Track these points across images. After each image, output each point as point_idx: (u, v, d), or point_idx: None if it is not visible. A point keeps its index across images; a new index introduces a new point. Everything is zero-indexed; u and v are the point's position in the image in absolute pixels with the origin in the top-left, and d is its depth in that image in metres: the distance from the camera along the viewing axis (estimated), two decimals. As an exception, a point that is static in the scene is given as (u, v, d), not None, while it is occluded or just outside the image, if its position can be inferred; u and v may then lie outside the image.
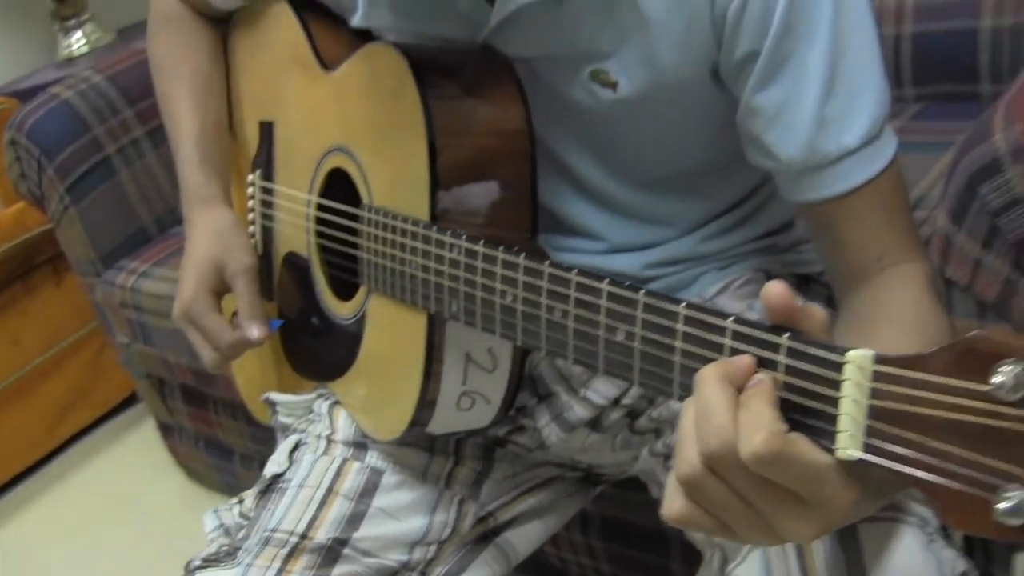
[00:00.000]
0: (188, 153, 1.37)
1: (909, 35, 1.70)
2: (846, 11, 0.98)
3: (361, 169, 1.17)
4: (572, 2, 1.05)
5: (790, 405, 0.69)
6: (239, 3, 1.41)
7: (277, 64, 1.36)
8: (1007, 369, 0.57)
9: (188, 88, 1.41)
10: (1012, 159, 0.84)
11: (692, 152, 1.16)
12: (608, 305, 0.84)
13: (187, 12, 1.46)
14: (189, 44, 1.45)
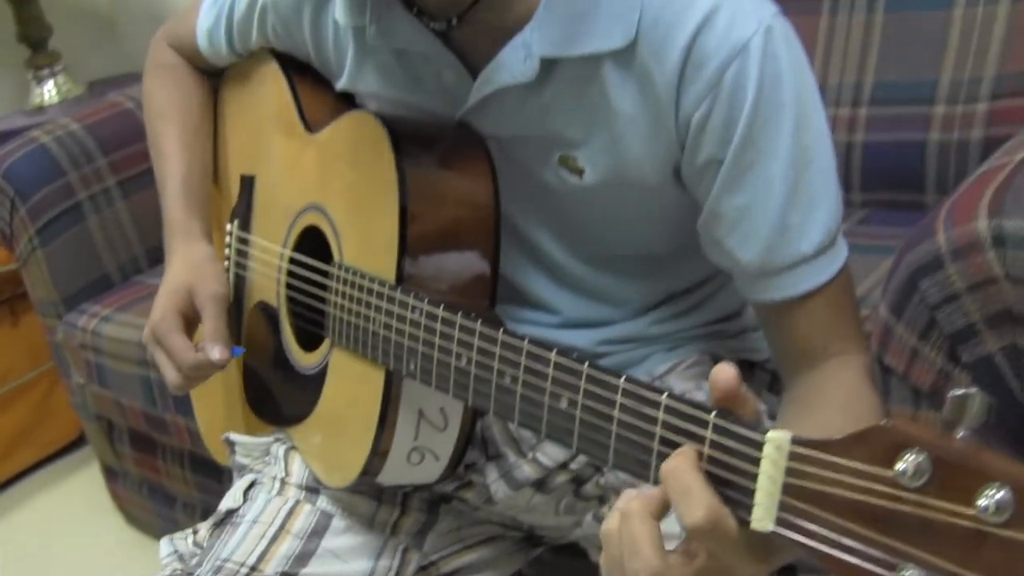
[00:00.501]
0: (174, 190, 1.43)
1: (860, 143, 1.77)
2: (807, 127, 1.05)
3: (335, 228, 1.22)
4: (548, 90, 1.10)
5: (713, 477, 0.75)
6: (232, 59, 1.47)
7: (263, 121, 1.41)
8: (909, 458, 0.63)
9: (178, 132, 1.48)
10: (952, 257, 0.90)
11: (649, 240, 1.22)
12: (555, 374, 0.90)
13: (183, 63, 1.53)
14: (182, 92, 1.51)
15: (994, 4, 1.63)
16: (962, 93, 1.66)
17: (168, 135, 1.48)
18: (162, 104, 1.51)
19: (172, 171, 1.45)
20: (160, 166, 1.48)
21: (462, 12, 1.11)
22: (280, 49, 1.38)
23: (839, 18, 1.79)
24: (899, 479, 0.63)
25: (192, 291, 1.33)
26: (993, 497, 0.59)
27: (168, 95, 1.52)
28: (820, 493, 0.68)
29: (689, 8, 1.03)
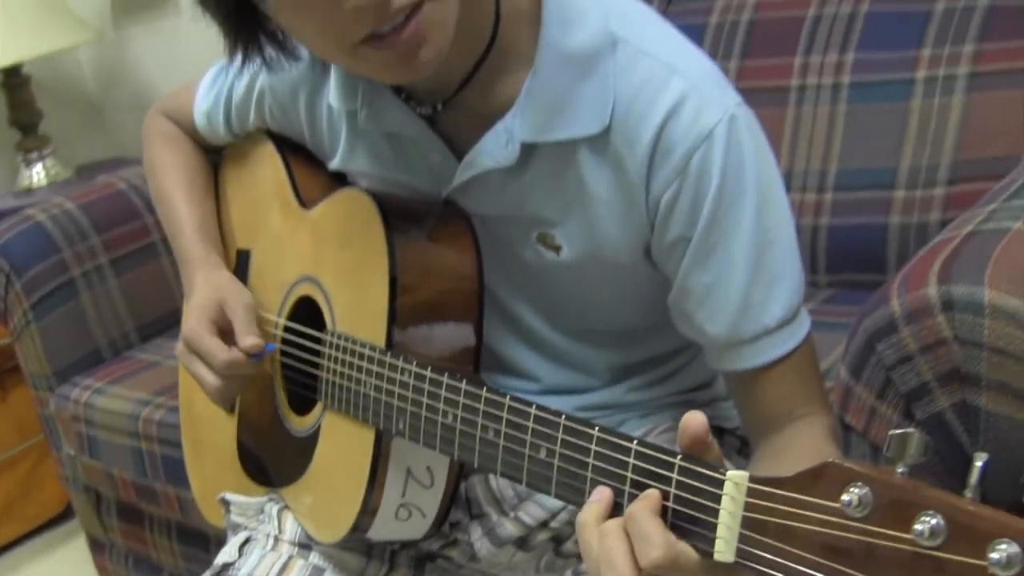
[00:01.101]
0: (191, 233, 1.48)
1: (826, 227, 1.84)
2: (768, 209, 1.12)
3: (327, 298, 1.28)
4: (528, 173, 1.18)
5: (678, 514, 0.84)
6: (229, 140, 1.53)
7: (259, 199, 1.48)
8: (854, 491, 0.71)
9: (185, 188, 1.53)
10: (905, 321, 0.97)
11: (623, 314, 1.29)
12: (534, 426, 0.98)
13: (183, 134, 1.58)
14: (184, 154, 1.57)
15: (949, 95, 1.72)
16: (920, 179, 1.74)
17: (176, 192, 1.53)
18: (167, 165, 1.56)
19: (185, 218, 1.50)
20: (171, 217, 1.52)
21: (447, 98, 1.18)
22: (276, 130, 1.44)
23: (805, 108, 1.87)
24: (845, 510, 0.71)
25: (222, 303, 1.36)
26: (928, 523, 0.67)
27: (169, 157, 1.57)
28: (776, 525, 0.76)
29: (658, 98, 1.11)
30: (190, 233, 1.48)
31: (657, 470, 0.87)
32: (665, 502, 0.86)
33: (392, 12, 1.00)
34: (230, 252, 1.53)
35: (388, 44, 1.03)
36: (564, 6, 1.14)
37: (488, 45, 1.15)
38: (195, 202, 1.52)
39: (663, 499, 0.86)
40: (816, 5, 1.91)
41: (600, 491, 0.90)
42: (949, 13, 1.76)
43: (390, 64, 1.06)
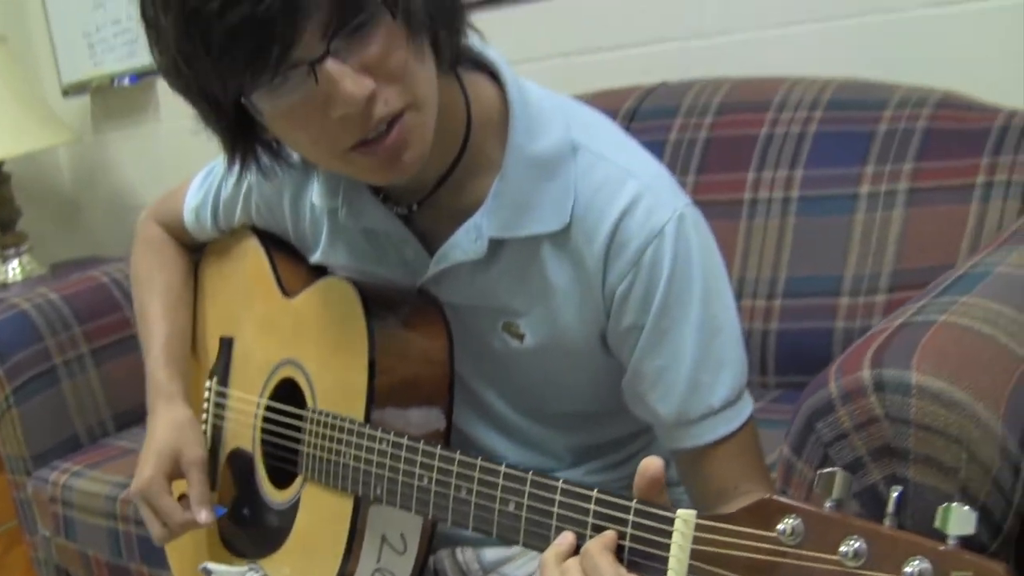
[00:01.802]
0: (157, 355, 1.58)
1: (775, 331, 1.94)
2: (714, 299, 1.24)
3: (309, 379, 1.38)
4: (495, 266, 1.28)
5: (635, 551, 0.96)
6: (214, 235, 1.64)
7: (242, 289, 1.58)
8: (788, 521, 0.83)
9: (162, 301, 1.63)
10: (841, 402, 1.07)
11: (582, 397, 1.38)
12: (504, 483, 1.09)
13: (168, 238, 1.68)
14: (166, 265, 1.67)
15: (890, 209, 1.83)
16: (863, 287, 1.83)
17: (153, 303, 1.64)
18: (149, 275, 1.67)
19: (156, 337, 1.61)
20: (145, 330, 1.64)
21: (422, 199, 1.29)
22: (261, 226, 1.55)
23: (756, 221, 1.98)
24: (780, 538, 0.83)
25: (176, 454, 1.48)
26: (852, 546, 0.80)
27: (154, 267, 1.68)
28: (721, 555, 0.88)
29: (615, 198, 1.22)
30: (157, 354, 1.60)
31: (615, 514, 0.99)
32: (622, 541, 0.97)
33: (375, 122, 1.11)
34: (212, 342, 1.62)
35: (374, 150, 1.13)
36: (530, 116, 1.25)
37: (460, 151, 1.26)
38: (169, 316, 1.63)
39: (620, 539, 0.97)
40: (768, 125, 2.03)
41: (563, 535, 1.01)
42: (891, 134, 1.87)
43: (377, 167, 1.16)
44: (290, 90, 1.09)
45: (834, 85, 2.02)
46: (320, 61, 1.07)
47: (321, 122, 1.11)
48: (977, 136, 1.80)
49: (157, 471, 1.47)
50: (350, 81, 1.07)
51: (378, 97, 1.10)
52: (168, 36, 1.10)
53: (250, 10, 1.03)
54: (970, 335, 1.12)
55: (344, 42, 1.08)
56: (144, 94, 3.64)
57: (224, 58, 1.07)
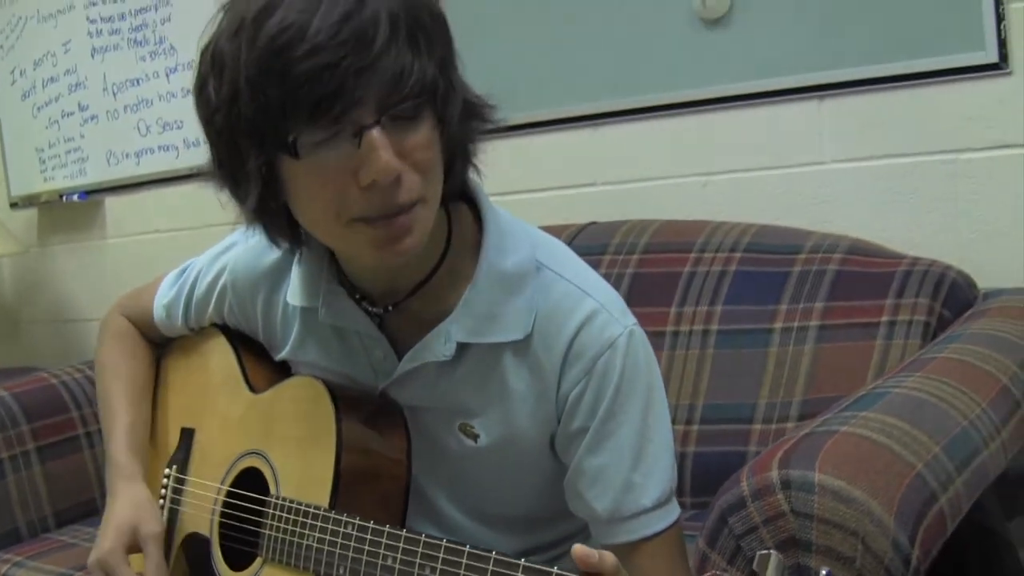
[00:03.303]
0: (119, 438, 1.69)
1: (692, 454, 2.08)
2: (652, 409, 1.38)
3: (273, 468, 1.49)
4: (460, 368, 1.41)
5: None
6: (183, 332, 1.75)
7: (207, 383, 1.69)
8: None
9: (126, 390, 1.75)
10: (752, 498, 1.22)
11: (528, 498, 1.51)
12: (467, 562, 1.20)
13: (135, 332, 1.80)
14: (133, 356, 1.79)
15: (802, 344, 1.99)
16: (775, 414, 1.99)
17: (117, 392, 1.75)
18: (114, 365, 1.78)
19: (119, 422, 1.72)
20: (108, 417, 1.74)
21: (396, 303, 1.43)
22: (231, 324, 1.67)
23: (678, 351, 2.13)
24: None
25: (135, 528, 1.58)
26: None
27: (121, 357, 1.79)
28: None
29: (573, 312, 1.38)
30: (119, 438, 1.70)
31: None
32: None
33: (395, 204, 1.24)
34: (173, 432, 1.73)
35: (380, 225, 1.26)
36: (501, 237, 1.41)
37: (437, 264, 1.41)
38: (132, 405, 1.74)
39: None
40: (691, 263, 2.20)
41: None
42: (804, 275, 2.05)
43: (378, 243, 1.28)
44: (334, 146, 1.22)
45: (753, 230, 2.21)
46: (369, 128, 1.21)
47: (346, 186, 1.24)
48: (882, 280, 1.99)
49: (116, 543, 1.57)
50: (387, 153, 1.21)
51: (404, 181, 1.24)
52: (241, 68, 1.21)
53: (330, 61, 1.16)
54: (867, 443, 1.28)
55: (392, 122, 1.22)
56: (93, 210, 3.77)
57: (294, 96, 1.19)
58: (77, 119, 3.74)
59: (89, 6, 3.63)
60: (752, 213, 2.32)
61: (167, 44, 3.38)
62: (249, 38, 1.20)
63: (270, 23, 1.18)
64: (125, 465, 1.68)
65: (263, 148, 1.25)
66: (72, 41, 3.71)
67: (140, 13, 3.48)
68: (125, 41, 3.55)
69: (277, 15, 1.18)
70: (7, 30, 3.92)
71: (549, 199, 2.63)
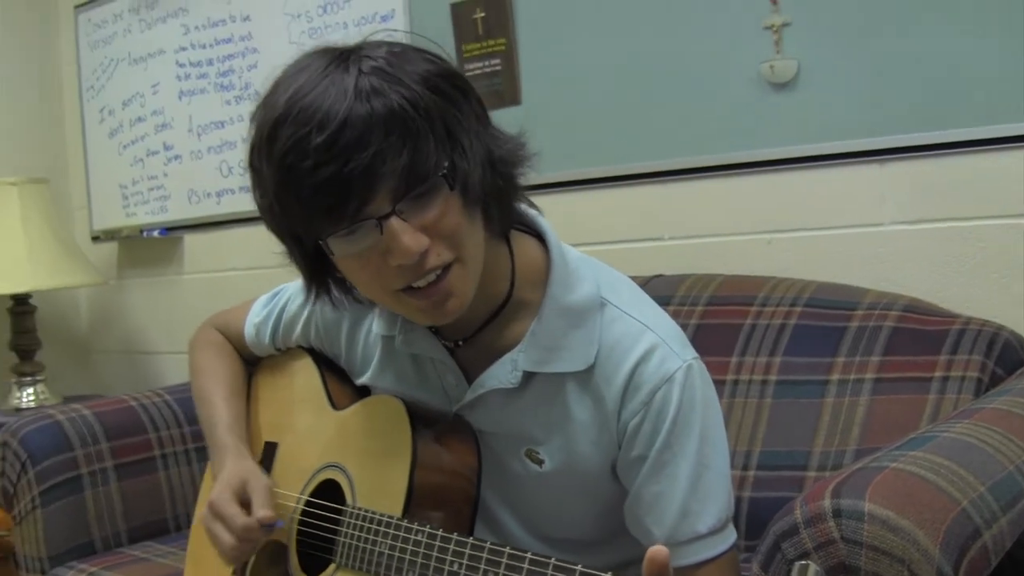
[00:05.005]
0: (224, 427, 1.78)
1: (747, 499, 2.13)
2: (708, 441, 1.45)
3: (350, 480, 1.58)
4: (525, 396, 1.50)
5: None
6: (270, 352, 1.86)
7: (292, 400, 1.79)
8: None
9: (225, 390, 1.84)
10: (805, 525, 1.29)
11: (589, 521, 1.58)
12: (529, 567, 1.27)
13: (228, 344, 1.91)
14: (226, 361, 1.89)
15: (857, 395, 2.05)
16: (830, 462, 2.04)
17: (216, 392, 1.84)
18: (213, 368, 1.88)
19: (221, 414, 1.80)
20: (208, 413, 1.83)
21: (467, 337, 1.53)
22: (316, 347, 1.77)
23: (737, 399, 2.20)
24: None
25: (244, 480, 1.66)
26: None
27: (217, 361, 1.89)
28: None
29: (633, 347, 1.46)
30: (223, 427, 1.79)
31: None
32: None
33: (426, 271, 1.35)
34: (258, 444, 1.83)
35: (422, 295, 1.37)
36: (567, 273, 1.50)
37: (503, 302, 1.50)
38: (231, 403, 1.83)
39: None
40: (753, 316, 2.27)
41: None
42: (861, 330, 2.11)
43: (424, 310, 1.40)
44: (359, 238, 1.33)
45: (813, 286, 2.28)
46: (387, 218, 1.31)
47: (381, 266, 1.35)
48: (937, 337, 2.05)
49: (226, 489, 1.64)
50: (409, 237, 1.32)
51: (431, 251, 1.34)
52: (268, 183, 1.36)
53: (336, 171, 1.28)
54: (915, 479, 1.35)
55: (408, 204, 1.32)
56: (171, 247, 3.89)
57: (310, 206, 1.32)
58: (161, 158, 3.88)
59: (179, 51, 3.78)
60: (813, 270, 2.39)
61: (252, 90, 3.53)
62: (266, 156, 1.35)
63: (277, 144, 1.32)
64: (233, 446, 1.76)
65: (305, 244, 1.41)
66: (161, 83, 3.87)
67: (227, 59, 3.64)
68: (212, 85, 3.70)
69: (283, 132, 1.31)
70: (99, 71, 4.08)
71: (618, 251, 2.71)
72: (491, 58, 2.89)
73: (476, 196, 1.39)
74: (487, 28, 2.90)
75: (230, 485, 1.66)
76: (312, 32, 3.37)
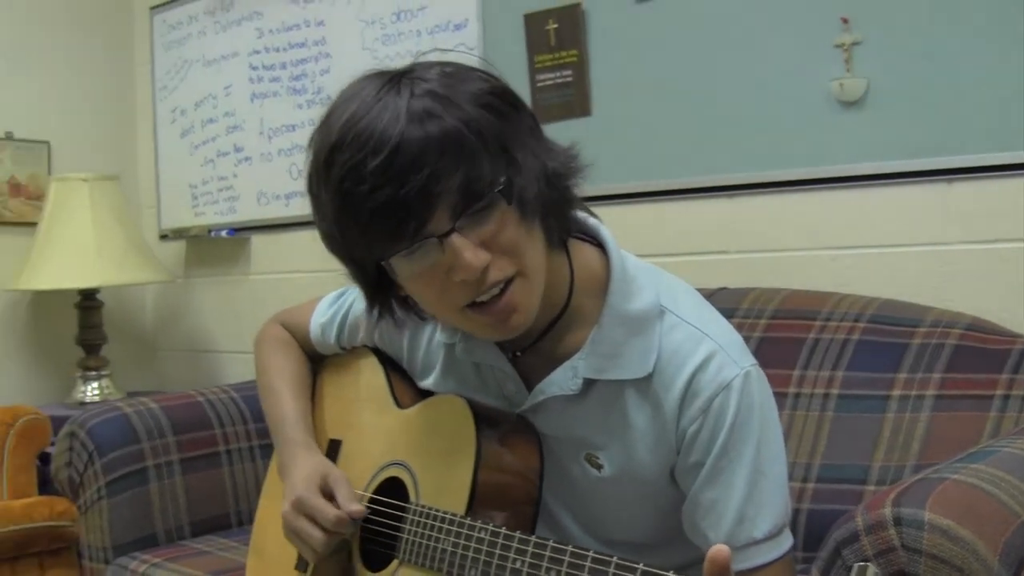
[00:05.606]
0: (293, 421, 1.81)
1: (806, 511, 2.14)
2: (766, 448, 1.47)
3: (414, 478, 1.61)
4: (585, 403, 1.52)
5: None
6: (334, 351, 1.89)
7: (356, 398, 1.82)
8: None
9: (290, 386, 1.88)
10: (865, 533, 1.31)
11: (648, 524, 1.60)
12: (591, 566, 1.29)
13: (293, 341, 1.94)
14: (292, 358, 1.93)
15: (918, 412, 2.06)
16: (889, 477, 2.04)
17: (283, 388, 1.88)
18: (279, 365, 1.91)
19: (288, 409, 1.84)
20: (275, 409, 1.86)
21: (527, 346, 1.55)
22: (380, 347, 1.80)
23: (798, 412, 2.21)
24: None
25: (324, 474, 1.68)
26: None
27: (283, 359, 1.92)
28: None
29: (691, 355, 1.48)
30: (292, 422, 1.82)
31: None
32: None
33: (488, 285, 1.37)
34: (323, 441, 1.85)
35: (486, 311, 1.40)
36: (627, 281, 1.52)
37: (562, 310, 1.53)
38: (298, 398, 1.87)
39: None
40: (816, 331, 2.28)
41: None
42: (923, 348, 2.12)
43: (489, 325, 1.42)
44: (421, 257, 1.36)
45: (877, 303, 2.29)
46: (447, 235, 1.34)
47: (444, 283, 1.38)
48: (999, 356, 2.05)
49: (310, 484, 1.66)
50: (470, 253, 1.35)
51: (492, 266, 1.37)
52: (327, 208, 1.39)
53: (393, 194, 1.31)
54: (976, 491, 1.36)
55: (467, 221, 1.35)
56: (239, 247, 3.95)
57: (369, 230, 1.35)
58: (232, 159, 3.94)
59: (253, 54, 3.84)
60: (877, 287, 2.39)
61: (324, 94, 3.58)
62: (324, 182, 1.38)
63: (334, 170, 1.35)
64: (303, 441, 1.79)
65: (366, 270, 1.44)
66: (233, 85, 3.93)
67: (300, 64, 3.70)
68: (284, 88, 3.76)
69: (339, 158, 1.35)
70: (172, 72, 4.15)
71: (683, 263, 2.71)
72: (563, 69, 2.91)
73: (533, 209, 1.41)
74: (559, 39, 2.93)
75: (312, 480, 1.67)
76: (385, 39, 3.41)
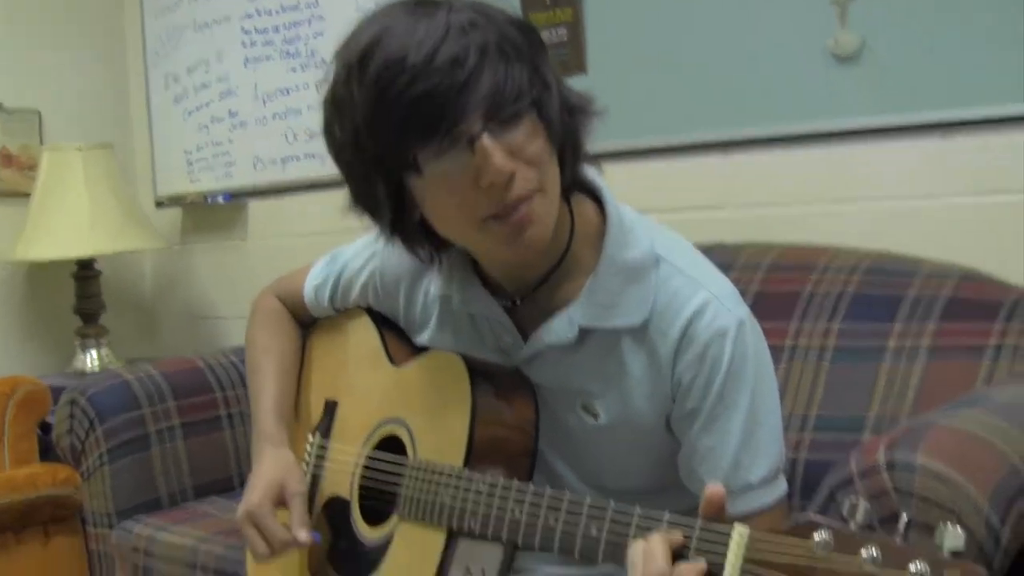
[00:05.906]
0: (268, 408, 1.84)
1: (803, 461, 2.14)
2: (760, 396, 1.48)
3: (411, 434, 1.63)
4: (581, 351, 1.53)
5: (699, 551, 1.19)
6: (328, 313, 1.90)
7: (350, 358, 1.83)
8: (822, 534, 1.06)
9: (275, 365, 1.90)
10: (859, 477, 1.33)
11: (644, 472, 1.61)
12: (588, 511, 1.32)
13: (284, 311, 1.96)
14: (281, 333, 1.94)
15: (913, 362, 2.07)
16: (884, 426, 2.05)
17: (266, 367, 1.90)
18: (265, 342, 1.94)
19: (267, 394, 1.86)
20: (256, 389, 1.89)
21: (524, 295, 1.57)
22: (374, 307, 1.80)
23: (795, 364, 2.22)
24: (814, 547, 1.06)
25: (282, 485, 1.71)
26: (869, 552, 1.02)
27: (271, 334, 1.94)
28: (767, 560, 1.11)
29: (687, 303, 1.49)
30: (266, 410, 1.85)
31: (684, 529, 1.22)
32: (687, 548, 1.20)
33: (513, 196, 1.38)
34: (318, 402, 1.87)
35: (506, 222, 1.40)
36: (623, 231, 1.53)
37: (560, 258, 1.54)
38: (279, 380, 1.89)
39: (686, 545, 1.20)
40: (812, 284, 2.29)
41: None
42: (918, 299, 2.13)
43: (507, 239, 1.42)
44: (451, 158, 1.37)
45: (872, 256, 2.29)
46: (478, 136, 1.35)
47: (469, 190, 1.38)
48: (993, 306, 2.06)
49: (264, 497, 1.70)
50: (499, 156, 1.36)
51: (517, 177, 1.38)
52: (357, 109, 1.39)
53: (431, 86, 1.32)
54: (966, 434, 1.38)
55: (498, 125, 1.36)
56: (235, 213, 3.94)
57: (405, 122, 1.35)
58: (226, 124, 3.93)
59: (245, 18, 3.82)
60: (872, 241, 2.39)
61: (318, 57, 3.57)
62: (358, 81, 1.37)
63: (373, 64, 1.35)
64: (272, 433, 1.81)
65: (390, 173, 1.43)
66: (226, 50, 3.91)
67: (293, 27, 3.68)
68: (277, 52, 3.74)
69: (377, 55, 1.35)
70: (163, 37, 4.12)
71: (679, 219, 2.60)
72: (557, 27, 2.91)
73: (556, 135, 1.43)
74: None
75: (268, 490, 1.71)
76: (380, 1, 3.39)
